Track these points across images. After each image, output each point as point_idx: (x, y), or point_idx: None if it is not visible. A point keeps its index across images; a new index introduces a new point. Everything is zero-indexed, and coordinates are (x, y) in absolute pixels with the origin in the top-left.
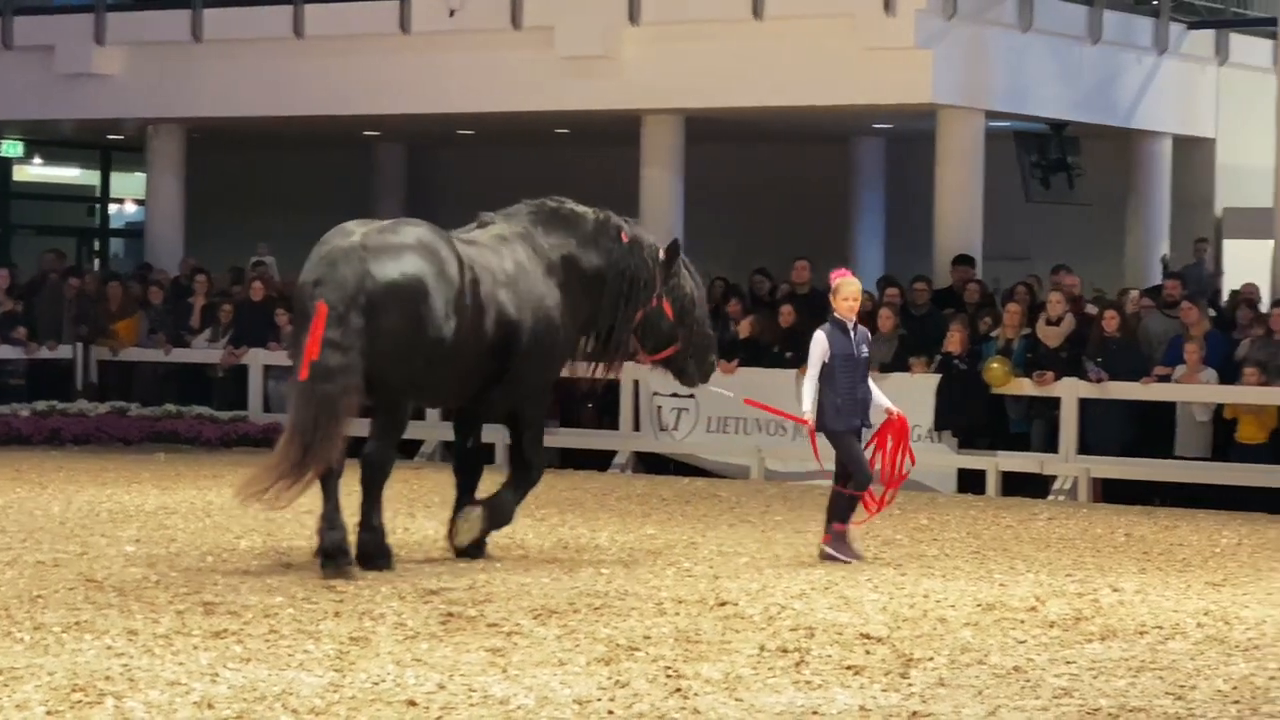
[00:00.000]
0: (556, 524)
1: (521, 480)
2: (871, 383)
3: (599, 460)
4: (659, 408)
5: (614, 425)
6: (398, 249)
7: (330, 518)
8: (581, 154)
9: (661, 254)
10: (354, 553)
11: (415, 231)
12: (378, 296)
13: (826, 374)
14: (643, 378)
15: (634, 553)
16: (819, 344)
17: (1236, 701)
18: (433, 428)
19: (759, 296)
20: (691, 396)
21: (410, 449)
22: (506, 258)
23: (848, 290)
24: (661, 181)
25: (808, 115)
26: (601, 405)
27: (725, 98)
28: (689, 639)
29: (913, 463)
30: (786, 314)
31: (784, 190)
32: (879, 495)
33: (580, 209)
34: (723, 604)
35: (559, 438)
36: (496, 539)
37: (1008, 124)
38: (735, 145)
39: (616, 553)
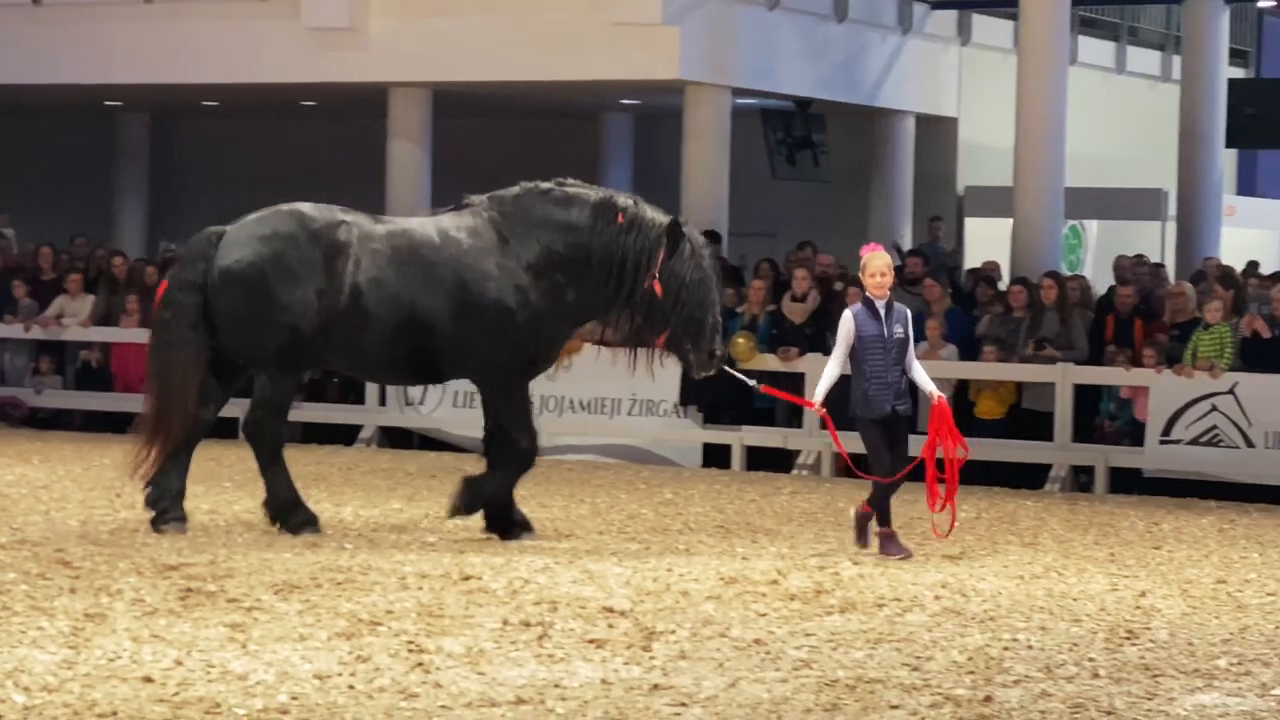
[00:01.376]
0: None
1: (505, 464)
2: (916, 365)
3: (344, 435)
4: None
5: (360, 399)
6: (248, 240)
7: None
8: (328, 126)
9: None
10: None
11: (282, 221)
12: (215, 284)
13: (855, 357)
14: None
15: (378, 528)
16: (845, 325)
17: (971, 672)
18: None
19: None
20: None
21: None
22: (433, 236)
23: (874, 265)
24: (409, 155)
25: (555, 90)
26: (345, 379)
27: (472, 72)
28: (432, 613)
29: (965, 450)
30: None
31: (533, 165)
32: (941, 492)
33: (578, 191)
34: (466, 578)
35: (304, 412)
36: (239, 515)
37: (754, 101)
38: (484, 120)
39: (361, 527)
